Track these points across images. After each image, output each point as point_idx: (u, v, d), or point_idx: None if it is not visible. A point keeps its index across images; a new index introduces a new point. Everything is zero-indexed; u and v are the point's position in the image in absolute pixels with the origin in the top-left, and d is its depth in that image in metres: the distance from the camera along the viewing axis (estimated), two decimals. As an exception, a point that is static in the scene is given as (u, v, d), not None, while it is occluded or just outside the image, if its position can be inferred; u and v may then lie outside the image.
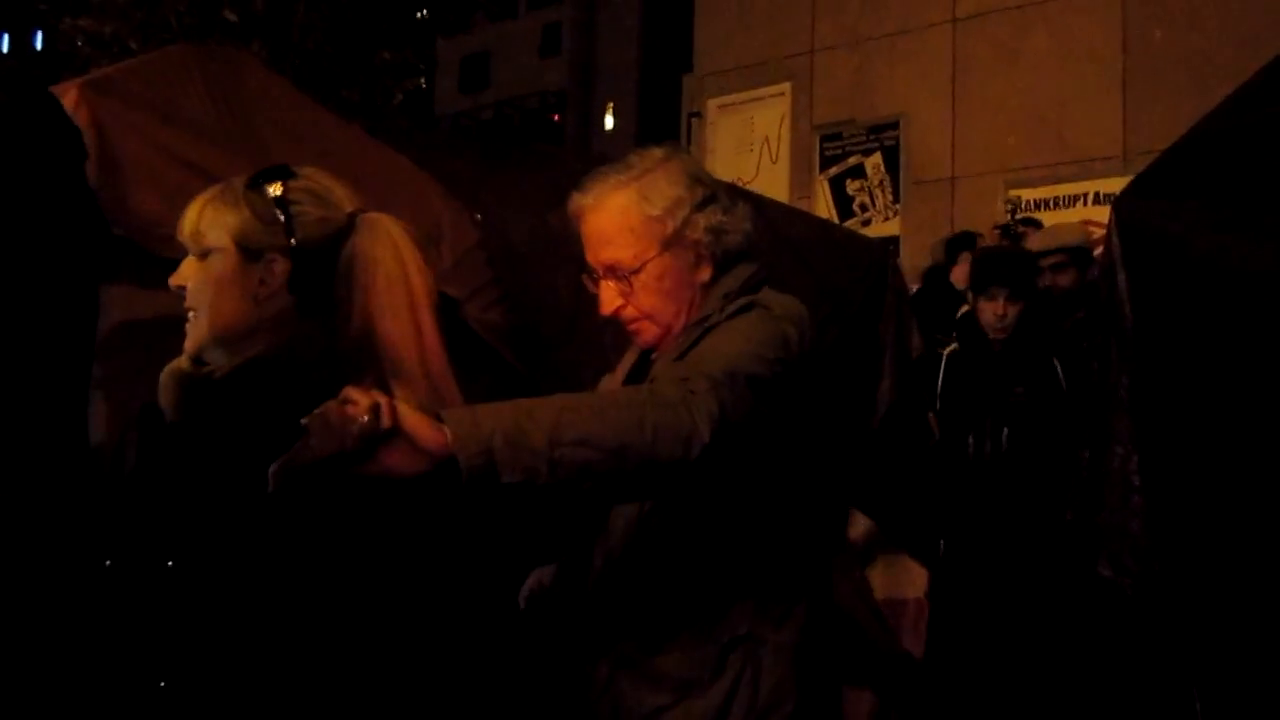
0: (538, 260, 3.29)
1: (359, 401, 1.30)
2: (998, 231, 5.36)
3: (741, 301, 1.79)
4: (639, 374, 1.90)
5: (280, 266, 1.55)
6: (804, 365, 1.74)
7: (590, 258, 1.85)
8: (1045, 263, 4.28)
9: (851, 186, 8.37)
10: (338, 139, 3.17)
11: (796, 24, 8.62)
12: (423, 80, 13.79)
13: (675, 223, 1.79)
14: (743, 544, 1.77)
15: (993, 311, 3.64)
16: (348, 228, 1.60)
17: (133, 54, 7.73)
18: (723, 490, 1.65)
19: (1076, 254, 4.32)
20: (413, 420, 1.33)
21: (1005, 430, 3.51)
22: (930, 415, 3.64)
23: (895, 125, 8.16)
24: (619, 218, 1.80)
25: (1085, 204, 7.12)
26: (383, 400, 1.31)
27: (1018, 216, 5.63)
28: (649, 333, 1.85)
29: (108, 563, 1.45)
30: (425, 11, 13.11)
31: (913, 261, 7.07)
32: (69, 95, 2.59)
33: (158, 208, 2.48)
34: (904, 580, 3.41)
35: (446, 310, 2.78)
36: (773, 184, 8.33)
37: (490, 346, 3.03)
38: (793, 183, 8.56)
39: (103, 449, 2.29)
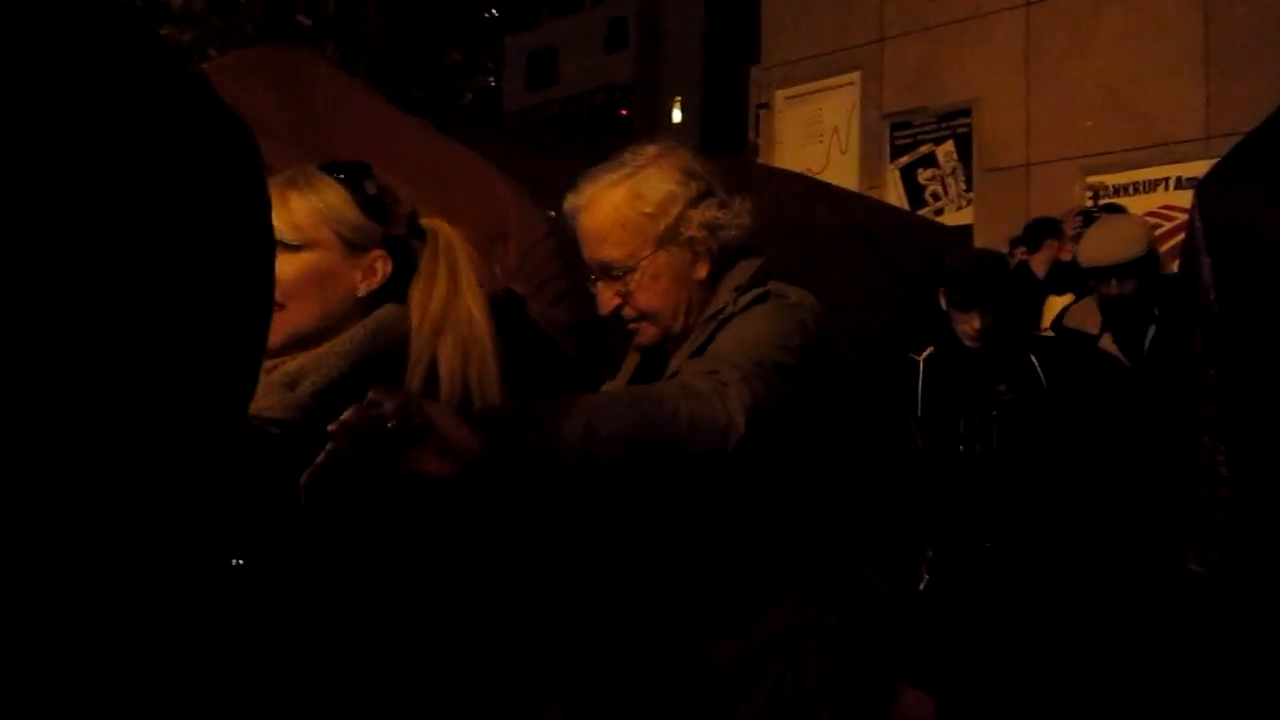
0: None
1: (385, 402, 1.28)
2: (1079, 218, 5.17)
3: (756, 292, 1.77)
4: (644, 376, 1.88)
5: (383, 264, 1.50)
6: (821, 353, 1.72)
7: (586, 256, 1.84)
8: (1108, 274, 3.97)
9: (923, 175, 8.24)
10: (406, 135, 3.20)
11: (864, 12, 8.51)
12: (491, 78, 13.91)
13: (669, 220, 1.77)
14: (777, 537, 1.75)
15: (970, 325, 3.53)
16: (414, 232, 1.58)
17: (211, 60, 7.90)
18: (757, 481, 1.63)
19: (1138, 263, 3.93)
20: (443, 418, 1.31)
21: (994, 429, 3.41)
22: (911, 422, 3.54)
23: (967, 112, 8.01)
24: (612, 216, 1.78)
25: (1166, 189, 6.92)
26: (410, 398, 1.30)
27: (1100, 202, 5.34)
28: (648, 332, 1.83)
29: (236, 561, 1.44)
30: (493, 10, 13.21)
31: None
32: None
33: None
34: None
35: (510, 308, 2.79)
36: (842, 174, 8.24)
37: (554, 342, 3.04)
38: (862, 173, 8.46)
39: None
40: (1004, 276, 3.67)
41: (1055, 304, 4.76)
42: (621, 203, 1.77)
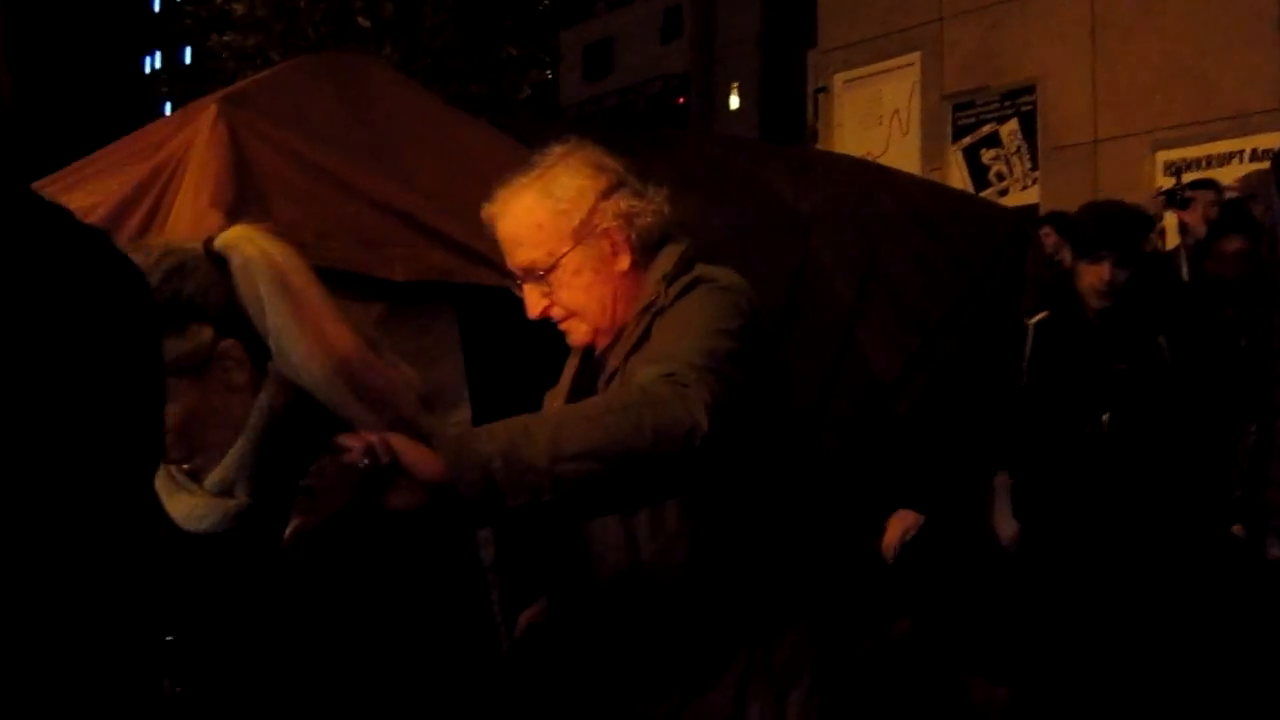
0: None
1: (352, 446, 1.29)
2: (1160, 199, 4.99)
3: (684, 281, 1.75)
4: (584, 377, 1.88)
5: (235, 348, 1.42)
6: (757, 332, 1.71)
7: (509, 263, 1.83)
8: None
9: (986, 155, 8.11)
10: (463, 138, 3.22)
11: (923, -9, 8.39)
12: (548, 72, 13.95)
13: (582, 213, 1.77)
14: (743, 523, 1.75)
15: (1097, 276, 3.18)
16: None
17: (274, 65, 8.04)
18: (724, 475, 1.62)
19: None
20: (409, 454, 1.32)
21: (1106, 412, 3.09)
22: (1014, 391, 3.25)
23: (1031, 90, 7.86)
24: (526, 218, 1.78)
25: (1241, 161, 6.72)
26: (374, 439, 1.30)
27: (1184, 180, 5.09)
28: (578, 330, 1.83)
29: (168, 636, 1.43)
30: (548, 3, 13.25)
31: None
32: (208, 111, 2.70)
33: (292, 215, 2.57)
34: None
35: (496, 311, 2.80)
36: (903, 157, 8.13)
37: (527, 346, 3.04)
38: (924, 155, 8.34)
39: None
40: (1139, 226, 3.36)
41: None
42: (534, 203, 1.78)
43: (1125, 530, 3.03)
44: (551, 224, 1.77)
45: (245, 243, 1.46)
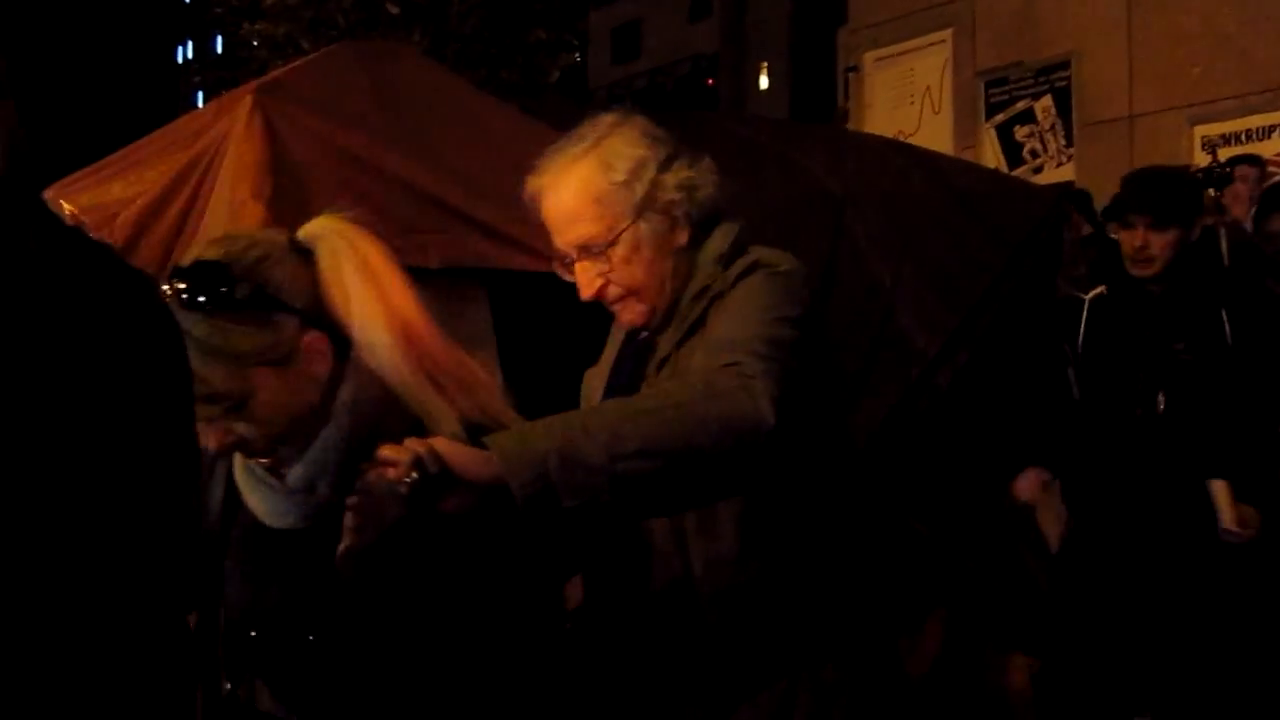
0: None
1: (399, 459, 1.23)
2: (1198, 176, 4.87)
3: (742, 263, 1.65)
4: (629, 358, 1.79)
5: (316, 339, 1.40)
6: (815, 319, 1.63)
7: (558, 241, 1.71)
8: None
9: (1020, 133, 8.01)
10: (494, 124, 3.23)
11: (954, -34, 8.29)
12: (577, 55, 13.92)
13: (643, 185, 1.66)
14: (798, 532, 1.67)
15: (1129, 242, 2.94)
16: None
17: (305, 53, 8.07)
18: (780, 472, 1.53)
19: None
20: (458, 458, 1.27)
21: (1161, 393, 2.88)
22: (1069, 371, 3.05)
23: (1066, 65, 7.75)
24: (582, 191, 1.66)
25: (1281, 135, 6.61)
26: (421, 449, 1.24)
27: (1220, 158, 4.91)
28: (634, 310, 1.72)
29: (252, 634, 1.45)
30: (575, -15, 13.20)
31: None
32: (244, 101, 2.73)
33: (328, 203, 2.58)
34: None
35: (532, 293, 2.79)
36: (936, 136, 8.06)
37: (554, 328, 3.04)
38: (957, 133, 8.26)
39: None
40: (1176, 187, 3.08)
41: None
42: (591, 175, 1.66)
43: (1175, 518, 2.88)
44: (612, 197, 1.66)
45: (332, 233, 1.44)
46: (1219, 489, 2.85)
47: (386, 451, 1.25)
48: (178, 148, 2.85)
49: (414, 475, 1.23)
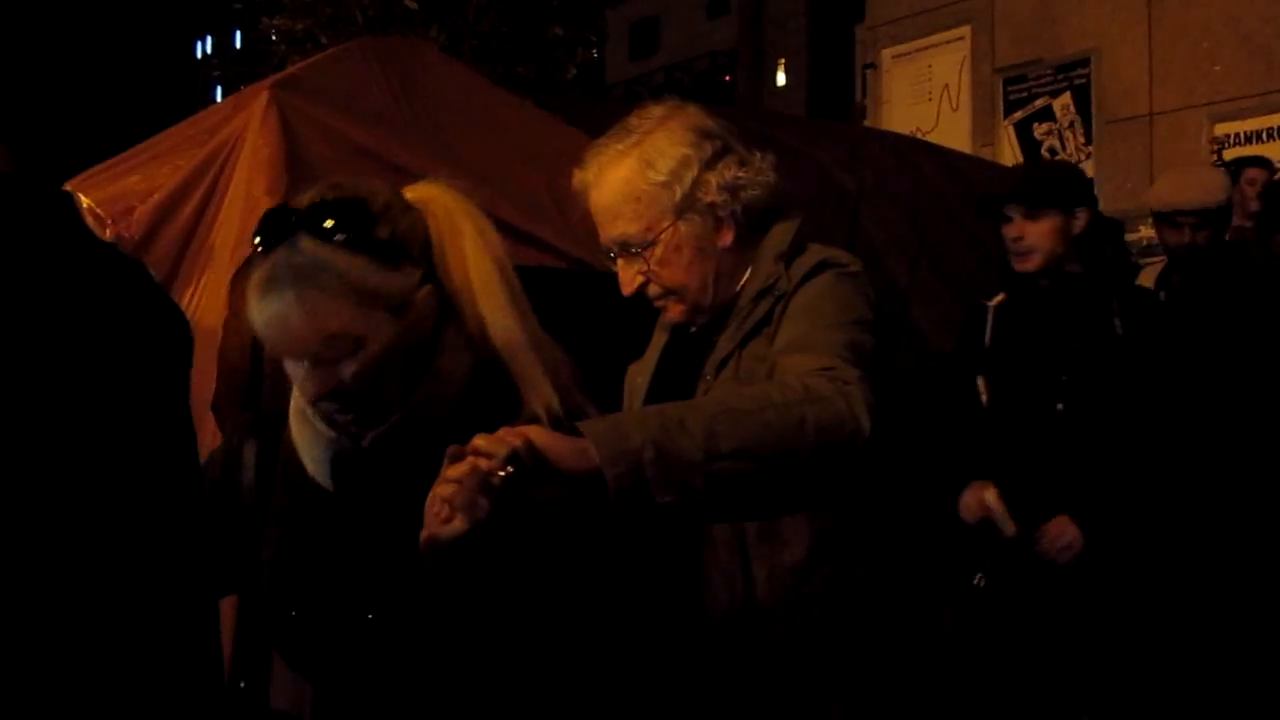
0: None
1: (495, 451, 1.16)
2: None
3: (807, 263, 1.61)
4: (679, 356, 1.76)
5: (430, 294, 1.39)
6: (881, 323, 1.60)
7: (601, 236, 1.69)
8: (1182, 220, 3.57)
9: (1039, 130, 7.96)
10: (512, 120, 3.23)
11: (974, -37, 8.24)
12: (594, 51, 13.92)
13: (684, 186, 1.63)
14: (861, 548, 1.65)
15: (1008, 236, 2.82)
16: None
17: (323, 48, 8.10)
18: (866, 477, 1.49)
19: (1211, 214, 3.55)
20: (555, 448, 1.20)
21: (1059, 394, 2.72)
22: (980, 379, 2.88)
23: (1086, 62, 7.69)
24: (623, 189, 1.64)
25: (1304, 133, 6.55)
26: (517, 441, 1.17)
27: (1226, 158, 4.91)
28: (676, 309, 1.70)
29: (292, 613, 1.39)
30: (593, -19, 13.20)
31: (1108, 205, 6.68)
32: (261, 96, 2.73)
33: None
34: None
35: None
36: (954, 133, 8.01)
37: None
38: (974, 130, 8.21)
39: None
40: (1060, 176, 2.91)
41: None
42: (631, 174, 1.64)
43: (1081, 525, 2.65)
44: (651, 197, 1.63)
45: (446, 195, 1.41)
46: (990, 497, 2.70)
47: (481, 442, 1.17)
48: (195, 143, 2.86)
49: (509, 469, 1.17)
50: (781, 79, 28.46)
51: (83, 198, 2.83)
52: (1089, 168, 7.62)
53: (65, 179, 3.04)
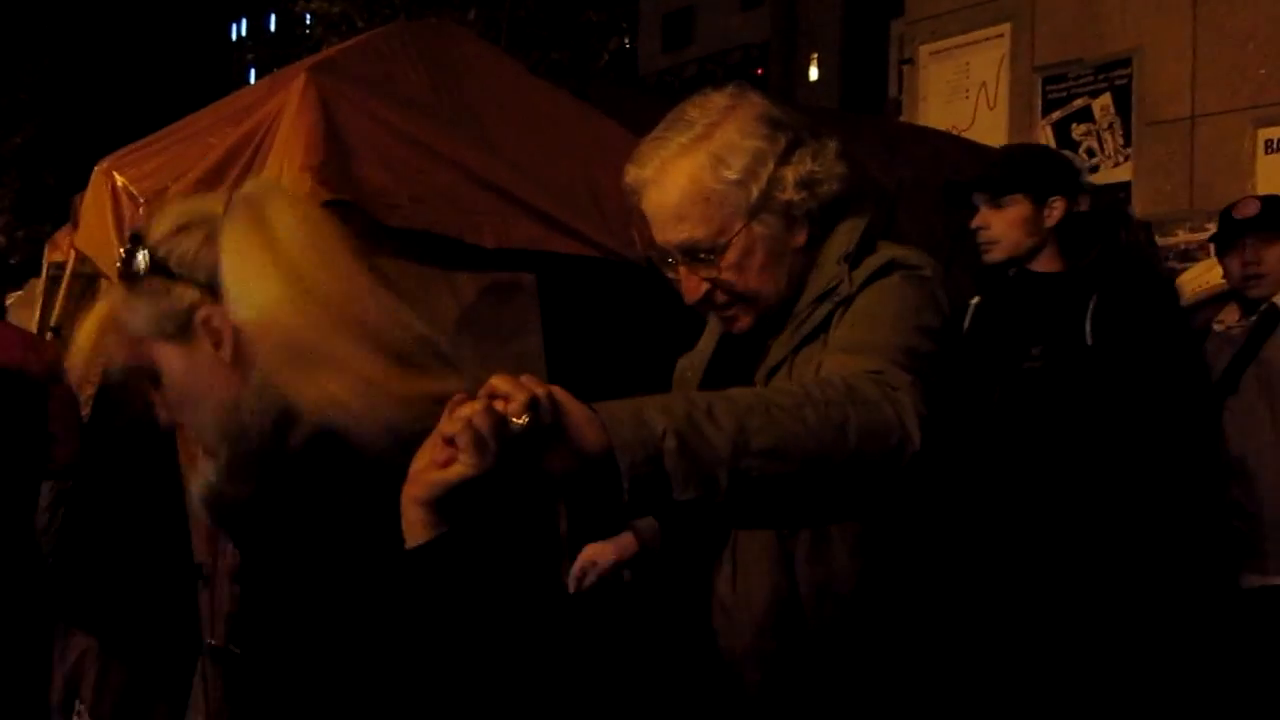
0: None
1: (514, 395, 1.02)
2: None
3: (874, 264, 1.47)
4: (730, 355, 1.62)
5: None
6: (951, 331, 1.46)
7: (659, 239, 1.53)
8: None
9: (1077, 131, 7.86)
10: (546, 107, 3.21)
11: (1016, -41, 8.14)
12: (626, 40, 13.89)
13: (760, 184, 1.47)
14: (913, 566, 1.52)
15: (973, 225, 2.58)
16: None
17: (359, 31, 8.10)
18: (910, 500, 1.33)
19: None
20: (576, 415, 1.05)
21: (1018, 409, 2.43)
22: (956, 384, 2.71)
23: (1127, 63, 7.59)
24: (691, 188, 1.48)
25: (1349, 140, 6.43)
26: (540, 392, 1.03)
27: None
28: (745, 319, 1.55)
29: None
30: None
31: (1145, 208, 6.59)
32: (298, 78, 2.72)
33: (384, 179, 2.58)
34: None
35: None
36: (990, 131, 7.93)
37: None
38: (1011, 129, 8.12)
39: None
40: (1030, 161, 2.63)
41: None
42: (700, 171, 1.48)
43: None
44: (723, 197, 1.48)
45: (249, 194, 1.25)
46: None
47: (500, 383, 1.03)
48: (230, 122, 2.85)
49: (526, 419, 1.01)
50: (814, 73, 28.31)
51: (117, 176, 2.83)
52: (1127, 170, 7.53)
53: (100, 158, 3.04)
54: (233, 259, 1.18)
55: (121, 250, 1.27)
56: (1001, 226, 2.52)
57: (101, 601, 3.15)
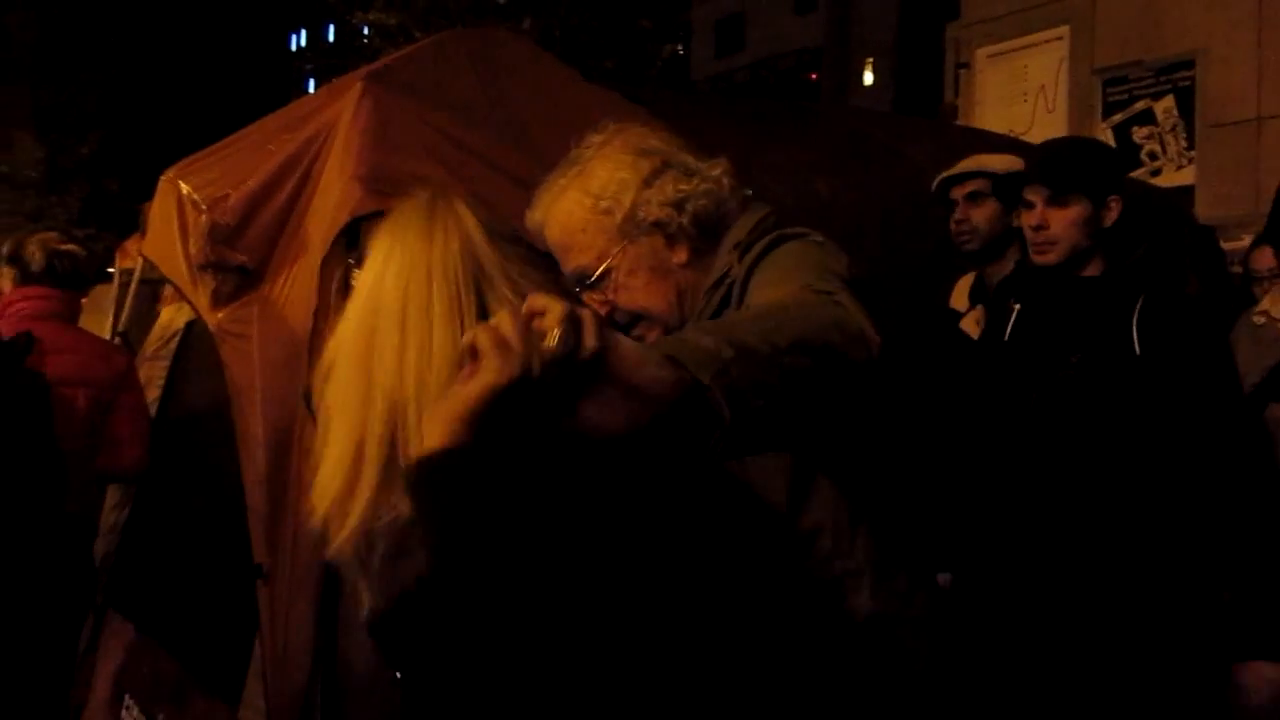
0: (802, 225, 3.22)
1: (549, 310, 0.94)
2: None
3: (763, 244, 1.53)
4: None
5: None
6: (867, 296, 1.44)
7: (563, 272, 1.65)
8: (958, 191, 3.04)
9: (1139, 134, 7.73)
10: (595, 112, 3.20)
11: (1074, -40, 8.03)
12: (679, 47, 13.92)
13: (624, 208, 1.59)
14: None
15: (1027, 224, 2.44)
16: None
17: (416, 41, 8.21)
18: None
19: (1000, 181, 2.96)
20: (629, 346, 0.97)
21: (1055, 413, 2.32)
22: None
23: (1190, 64, 7.45)
24: (569, 222, 1.62)
25: None
26: (583, 312, 0.95)
27: None
28: (651, 333, 1.62)
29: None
30: (681, -23, 13.21)
31: (1208, 212, 6.46)
32: (354, 87, 2.75)
33: (442, 179, 2.60)
34: None
35: None
36: (1048, 135, 7.79)
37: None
38: (1071, 132, 7.99)
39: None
40: (1093, 157, 2.50)
41: None
42: (574, 205, 1.62)
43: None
44: (596, 225, 1.61)
45: None
46: None
47: (537, 300, 0.96)
48: (289, 130, 2.89)
49: (559, 335, 0.92)
50: (869, 78, 28.14)
51: (182, 185, 2.88)
52: (1190, 173, 7.38)
53: (163, 166, 3.10)
54: None
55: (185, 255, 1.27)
56: (1061, 226, 2.38)
57: (159, 598, 3.21)
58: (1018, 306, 2.53)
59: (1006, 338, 2.49)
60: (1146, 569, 2.28)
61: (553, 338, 0.92)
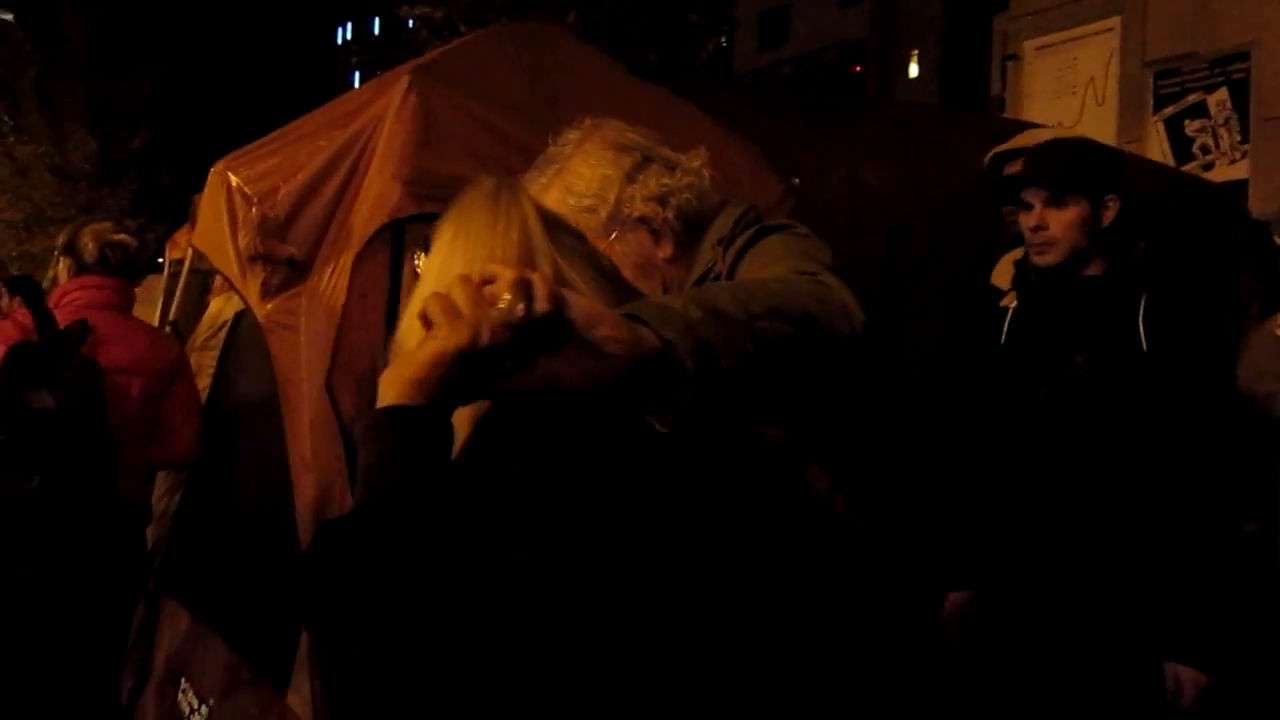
0: (849, 218, 3.20)
1: (500, 276, 0.96)
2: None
3: (746, 237, 1.54)
4: None
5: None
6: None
7: None
8: (1011, 167, 2.99)
9: (1191, 127, 7.60)
10: (640, 106, 3.20)
11: (1126, -49, 7.91)
12: (723, 39, 13.87)
13: (608, 206, 1.60)
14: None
15: (1026, 225, 2.43)
16: None
17: (461, 35, 8.25)
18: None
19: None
20: (584, 306, 0.99)
21: (1059, 416, 2.33)
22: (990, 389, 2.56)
23: (1245, 56, 7.31)
24: None
25: None
26: (534, 276, 0.97)
27: None
28: None
29: None
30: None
31: (1263, 207, 6.34)
32: (400, 82, 2.78)
33: (477, 174, 2.61)
34: None
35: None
36: (1098, 128, 7.71)
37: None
38: (1121, 125, 7.89)
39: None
40: (1091, 157, 2.49)
41: None
42: (556, 204, 1.60)
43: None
44: (579, 223, 1.55)
45: None
46: None
47: (489, 267, 1.00)
48: (337, 125, 2.92)
49: (509, 299, 0.95)
50: (914, 70, 27.90)
51: (232, 177, 2.92)
52: (1243, 167, 7.25)
53: (213, 159, 3.15)
54: None
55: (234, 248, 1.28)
56: (1060, 227, 2.39)
57: (209, 584, 3.26)
58: (1012, 306, 2.54)
59: (1003, 339, 2.51)
60: (1158, 566, 2.27)
61: (503, 302, 0.95)
